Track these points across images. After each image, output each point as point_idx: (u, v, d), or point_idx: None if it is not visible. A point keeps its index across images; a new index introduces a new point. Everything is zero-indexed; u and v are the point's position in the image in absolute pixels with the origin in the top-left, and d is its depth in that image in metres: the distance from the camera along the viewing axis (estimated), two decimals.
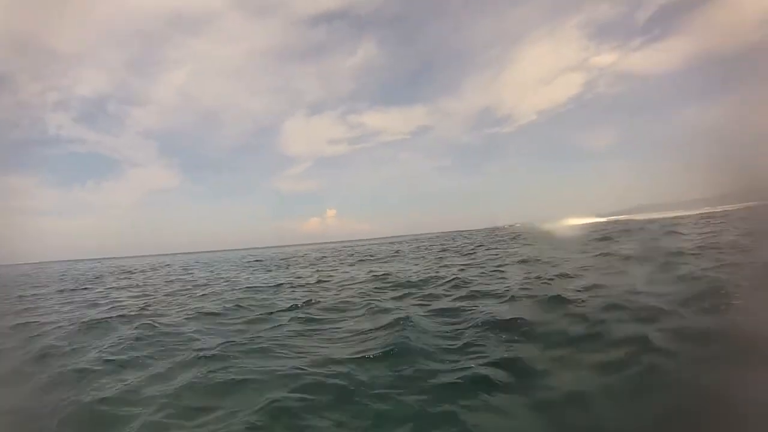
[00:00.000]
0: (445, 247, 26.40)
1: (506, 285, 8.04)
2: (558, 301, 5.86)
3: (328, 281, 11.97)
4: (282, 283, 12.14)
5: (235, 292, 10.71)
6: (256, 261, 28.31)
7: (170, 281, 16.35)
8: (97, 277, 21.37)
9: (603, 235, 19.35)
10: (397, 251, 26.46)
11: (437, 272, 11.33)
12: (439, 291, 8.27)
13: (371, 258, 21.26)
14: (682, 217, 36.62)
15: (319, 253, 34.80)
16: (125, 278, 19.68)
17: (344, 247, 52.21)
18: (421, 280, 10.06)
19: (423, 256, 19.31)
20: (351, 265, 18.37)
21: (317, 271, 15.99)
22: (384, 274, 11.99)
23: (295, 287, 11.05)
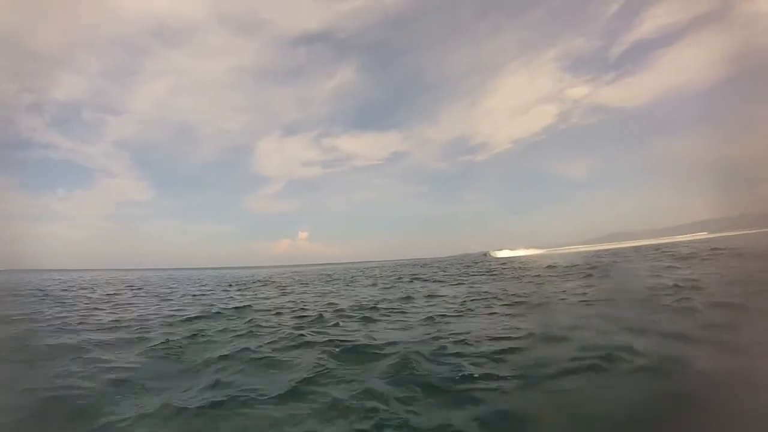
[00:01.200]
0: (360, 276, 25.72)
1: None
2: None
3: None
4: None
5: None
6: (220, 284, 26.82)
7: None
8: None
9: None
10: (352, 277, 25.73)
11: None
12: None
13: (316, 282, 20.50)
14: (640, 247, 37.30)
15: (287, 277, 33.50)
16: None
17: (310, 270, 51.05)
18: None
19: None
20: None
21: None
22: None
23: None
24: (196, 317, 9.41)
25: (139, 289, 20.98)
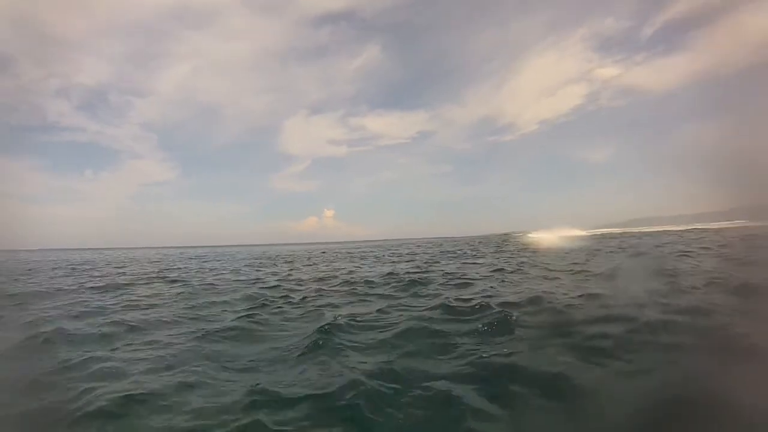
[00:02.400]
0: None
1: None
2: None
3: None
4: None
5: None
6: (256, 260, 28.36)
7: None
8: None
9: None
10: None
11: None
12: None
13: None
14: (670, 233, 36.94)
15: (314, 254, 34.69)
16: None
17: (340, 249, 52.14)
18: None
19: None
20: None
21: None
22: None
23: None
24: None
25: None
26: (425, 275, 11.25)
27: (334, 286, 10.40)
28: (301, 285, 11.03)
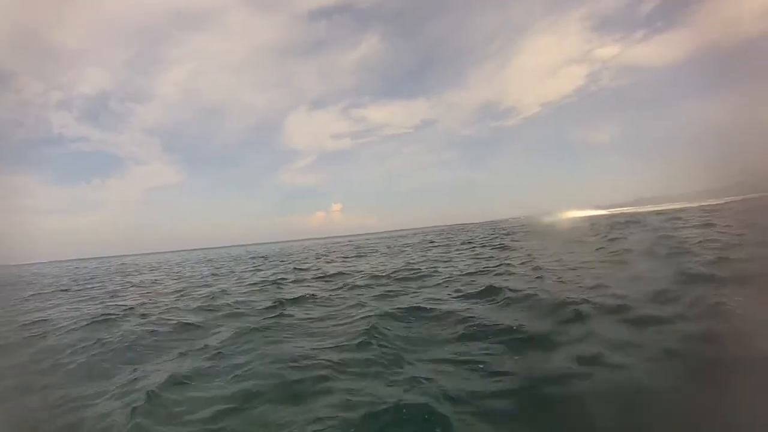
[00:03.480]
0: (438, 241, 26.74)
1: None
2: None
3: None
4: None
5: None
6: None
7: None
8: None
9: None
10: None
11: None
12: None
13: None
14: (683, 210, 36.96)
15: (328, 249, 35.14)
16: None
17: (350, 242, 52.45)
18: None
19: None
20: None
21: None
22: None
23: None
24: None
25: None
26: None
27: None
28: None
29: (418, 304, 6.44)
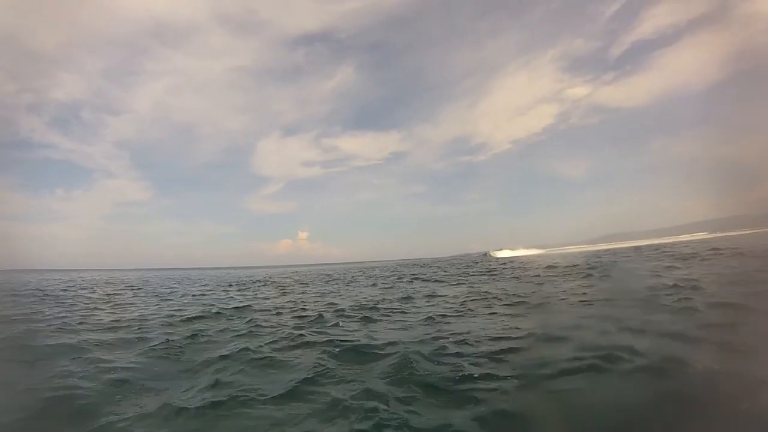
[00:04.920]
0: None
1: None
2: None
3: None
4: None
5: None
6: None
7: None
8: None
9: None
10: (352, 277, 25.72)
11: None
12: None
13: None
14: (640, 247, 37.28)
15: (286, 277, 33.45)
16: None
17: (309, 270, 51.00)
18: None
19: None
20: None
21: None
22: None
23: None
24: (196, 317, 9.41)
25: (139, 289, 20.93)
26: None
27: None
28: None
29: None
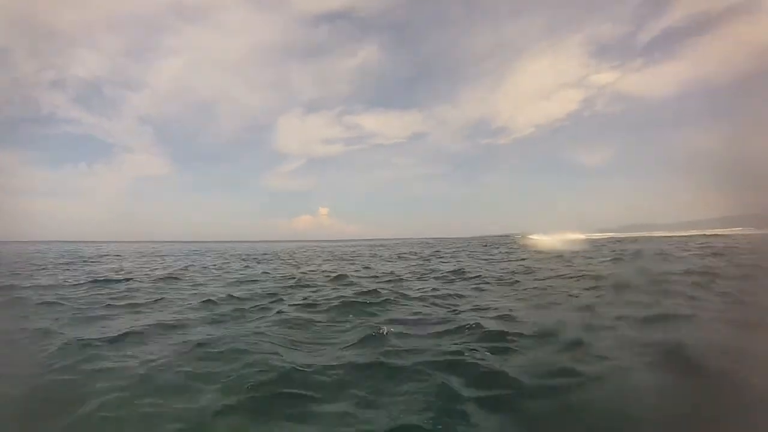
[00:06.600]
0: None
1: None
2: None
3: None
4: None
5: None
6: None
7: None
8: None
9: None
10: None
11: None
12: None
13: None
14: (671, 239, 36.68)
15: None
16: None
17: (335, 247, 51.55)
18: None
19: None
20: None
21: None
22: None
23: None
24: None
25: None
26: None
27: None
28: None
29: None
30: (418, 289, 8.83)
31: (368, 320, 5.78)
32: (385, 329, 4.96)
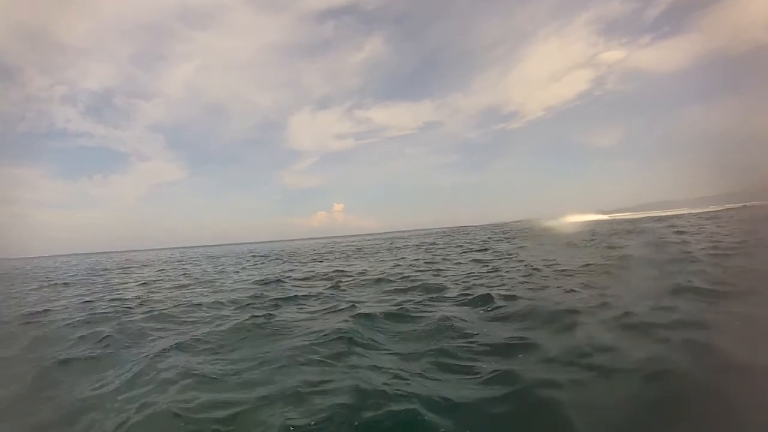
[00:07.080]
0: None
1: None
2: None
3: None
4: None
5: None
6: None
7: None
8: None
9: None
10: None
11: None
12: None
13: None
14: (684, 216, 36.69)
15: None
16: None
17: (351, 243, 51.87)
18: None
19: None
20: None
21: None
22: None
23: None
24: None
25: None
26: None
27: None
28: None
29: None
30: None
31: None
32: None
